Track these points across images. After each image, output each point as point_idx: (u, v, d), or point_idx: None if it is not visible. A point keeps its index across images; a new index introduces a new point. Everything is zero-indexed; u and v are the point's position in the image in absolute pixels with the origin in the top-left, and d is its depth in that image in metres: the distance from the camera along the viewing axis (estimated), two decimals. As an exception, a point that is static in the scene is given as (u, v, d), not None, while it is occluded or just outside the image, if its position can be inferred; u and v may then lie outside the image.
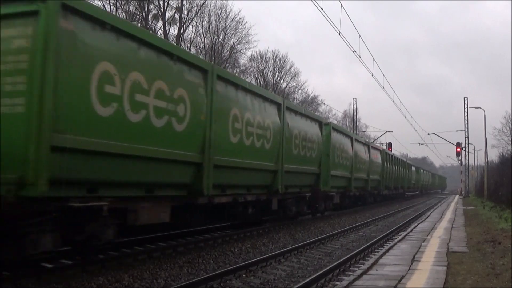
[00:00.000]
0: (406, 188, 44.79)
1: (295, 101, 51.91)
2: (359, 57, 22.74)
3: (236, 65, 44.25)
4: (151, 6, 34.62)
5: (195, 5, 37.42)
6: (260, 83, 48.93)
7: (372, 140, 56.32)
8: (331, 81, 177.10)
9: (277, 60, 51.62)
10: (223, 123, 10.66)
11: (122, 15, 32.30)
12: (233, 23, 41.18)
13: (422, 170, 63.51)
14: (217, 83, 10.32)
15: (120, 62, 7.40)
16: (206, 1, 38.19)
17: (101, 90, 7.00)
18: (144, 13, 34.26)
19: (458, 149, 55.02)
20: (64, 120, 6.49)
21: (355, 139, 24.44)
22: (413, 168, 51.97)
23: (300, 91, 56.81)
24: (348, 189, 23.02)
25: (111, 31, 7.32)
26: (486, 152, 45.86)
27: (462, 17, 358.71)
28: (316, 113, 49.72)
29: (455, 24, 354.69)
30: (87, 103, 6.81)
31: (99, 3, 30.35)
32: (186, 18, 37.01)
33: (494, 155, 57.75)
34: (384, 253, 9.67)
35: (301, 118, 16.11)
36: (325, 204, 20.02)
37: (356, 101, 63.69)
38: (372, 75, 27.69)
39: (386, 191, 34.33)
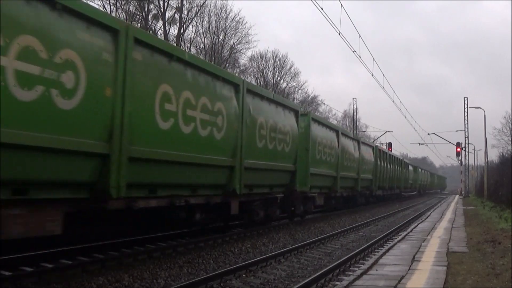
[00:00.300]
0: (402, 188, 41.52)
1: (295, 101, 51.95)
2: (359, 57, 22.77)
3: (236, 65, 44.30)
4: (151, 6, 34.65)
5: (195, 5, 37.52)
6: (260, 83, 48.94)
7: (372, 140, 56.23)
8: (330, 81, 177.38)
9: (277, 60, 51.69)
10: (146, 102, 8.21)
11: (122, 15, 32.31)
12: (233, 23, 41.26)
13: (420, 170, 60.25)
14: (136, 49, 7.94)
15: None
16: (206, 1, 38.26)
17: None
18: (144, 13, 34.29)
19: (458, 149, 55.09)
20: None
21: (342, 133, 21.83)
22: (410, 167, 49.34)
23: (300, 91, 56.86)
24: (333, 190, 20.41)
25: None
26: (486, 152, 45.90)
27: (461, 17, 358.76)
28: (316, 113, 49.64)
29: (454, 23, 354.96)
30: None
31: (99, 3, 30.41)
32: (186, 18, 37.08)
33: (494, 155, 57.87)
34: (384, 253, 9.67)
35: (270, 104, 13.42)
36: (305, 206, 17.31)
37: (356, 101, 63.80)
38: (372, 75, 27.72)
39: (379, 191, 31.33)
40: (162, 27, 35.41)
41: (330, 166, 19.56)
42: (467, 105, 55.44)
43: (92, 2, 29.31)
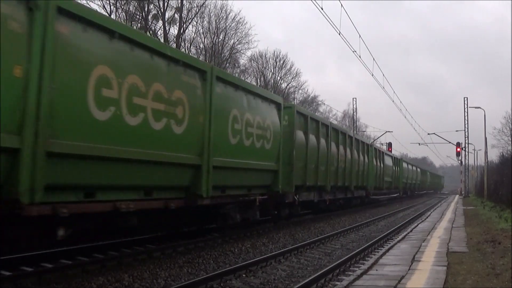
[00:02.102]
0: (371, 188, 28.09)
1: (295, 101, 51.92)
2: (359, 57, 22.75)
3: (236, 65, 44.31)
4: (151, 6, 34.65)
5: (195, 5, 37.50)
6: (260, 83, 48.96)
7: (372, 140, 55.61)
8: (324, 80, 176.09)
9: (277, 60, 51.69)
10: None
11: (122, 15, 32.32)
12: (233, 23, 41.26)
13: (406, 164, 45.99)
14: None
15: None
16: (206, 1, 38.26)
17: None
18: (144, 13, 34.28)
19: (458, 149, 55.17)
20: None
21: (118, 34, 7.81)
22: (388, 159, 34.67)
23: (300, 91, 56.85)
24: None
25: None
26: (486, 152, 45.93)
27: (456, 15, 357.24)
28: (316, 113, 49.53)
29: (450, 22, 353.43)
30: None
31: (99, 3, 30.44)
32: (186, 18, 37.06)
33: (494, 155, 57.92)
34: (384, 253, 9.68)
35: None
36: None
37: (356, 101, 63.77)
38: (372, 75, 27.65)
39: (311, 195, 17.39)
40: (162, 27, 35.45)
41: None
42: (467, 105, 55.66)
43: (92, 2, 29.41)
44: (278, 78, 52.36)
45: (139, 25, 33.31)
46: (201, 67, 9.87)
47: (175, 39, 35.68)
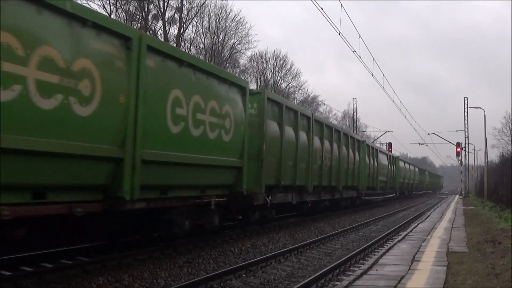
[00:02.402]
0: (363, 188, 25.99)
1: (295, 101, 51.91)
2: (359, 57, 22.72)
3: (236, 65, 44.31)
4: (151, 6, 34.65)
5: (195, 5, 37.48)
6: (260, 83, 48.98)
7: (372, 140, 55.79)
8: (323, 80, 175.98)
9: (277, 60, 51.69)
10: None
11: (122, 15, 32.32)
12: (233, 23, 41.26)
13: (403, 163, 42.75)
14: None
15: None
16: (206, 1, 38.26)
17: None
18: (144, 13, 34.28)
19: (458, 149, 55.21)
20: None
21: None
22: (382, 158, 32.16)
23: (300, 91, 56.84)
24: None
25: None
26: (486, 152, 45.94)
27: (457, 15, 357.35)
28: (316, 113, 49.55)
29: (450, 22, 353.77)
30: None
31: (99, 3, 30.45)
32: (186, 18, 37.05)
33: (494, 155, 57.92)
34: (384, 253, 9.68)
35: None
36: None
37: (356, 101, 63.77)
38: (372, 75, 27.59)
39: (289, 196, 15.18)
40: (162, 27, 35.44)
41: None
42: (467, 105, 55.67)
43: (92, 2, 29.42)
44: (278, 78, 52.40)
45: (139, 25, 33.29)
46: (123, 32, 7.64)
47: (175, 39, 35.69)
